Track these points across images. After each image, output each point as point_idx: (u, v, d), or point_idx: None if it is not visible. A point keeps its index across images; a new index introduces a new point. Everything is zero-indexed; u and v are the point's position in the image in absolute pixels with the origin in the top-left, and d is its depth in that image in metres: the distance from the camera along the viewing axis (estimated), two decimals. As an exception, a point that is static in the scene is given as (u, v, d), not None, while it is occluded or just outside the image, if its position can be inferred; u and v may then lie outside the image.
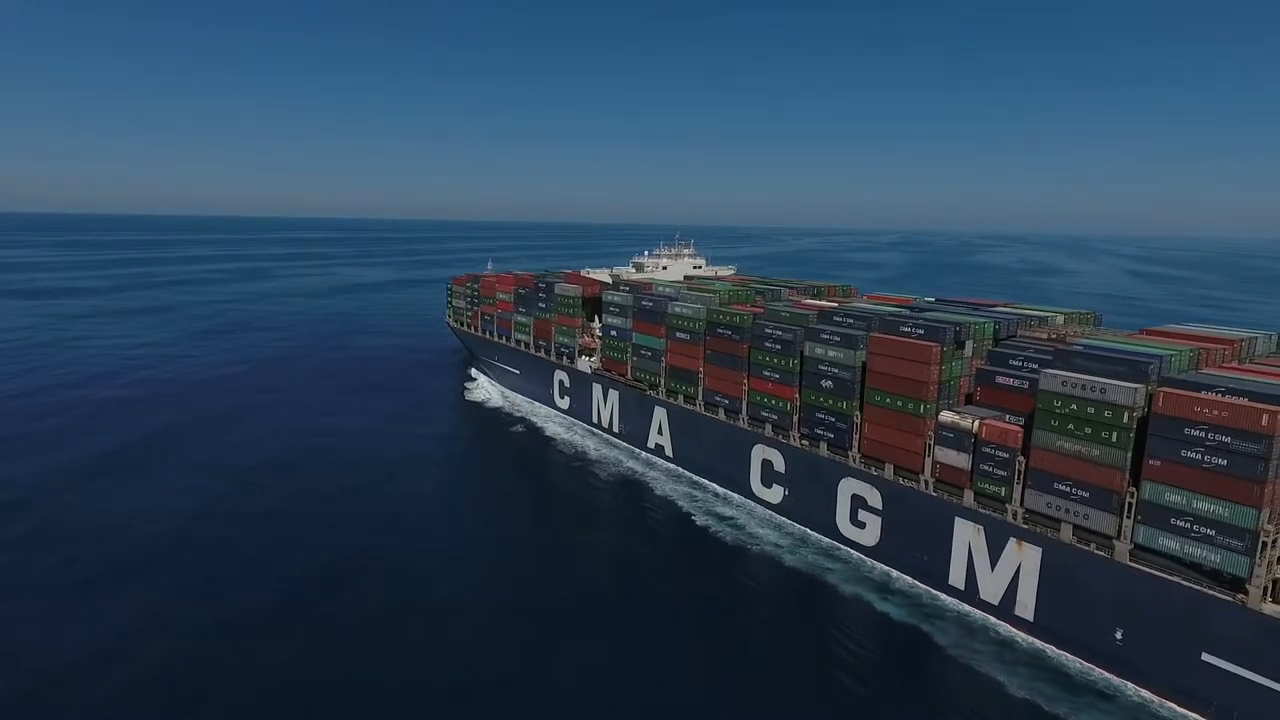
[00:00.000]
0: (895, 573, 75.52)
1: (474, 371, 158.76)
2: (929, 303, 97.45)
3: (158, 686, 56.20)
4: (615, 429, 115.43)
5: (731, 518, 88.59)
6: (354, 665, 59.10)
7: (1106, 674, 59.45)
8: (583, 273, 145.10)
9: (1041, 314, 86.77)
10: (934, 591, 71.91)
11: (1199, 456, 53.97)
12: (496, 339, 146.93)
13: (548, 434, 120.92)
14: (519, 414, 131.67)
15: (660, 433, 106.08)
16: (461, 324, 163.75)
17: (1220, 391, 54.68)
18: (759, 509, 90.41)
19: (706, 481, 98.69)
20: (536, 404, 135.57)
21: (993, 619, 67.00)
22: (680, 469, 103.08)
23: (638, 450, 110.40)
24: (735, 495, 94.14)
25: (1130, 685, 58.16)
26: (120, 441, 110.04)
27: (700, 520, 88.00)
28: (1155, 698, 56.87)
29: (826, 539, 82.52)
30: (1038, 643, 63.58)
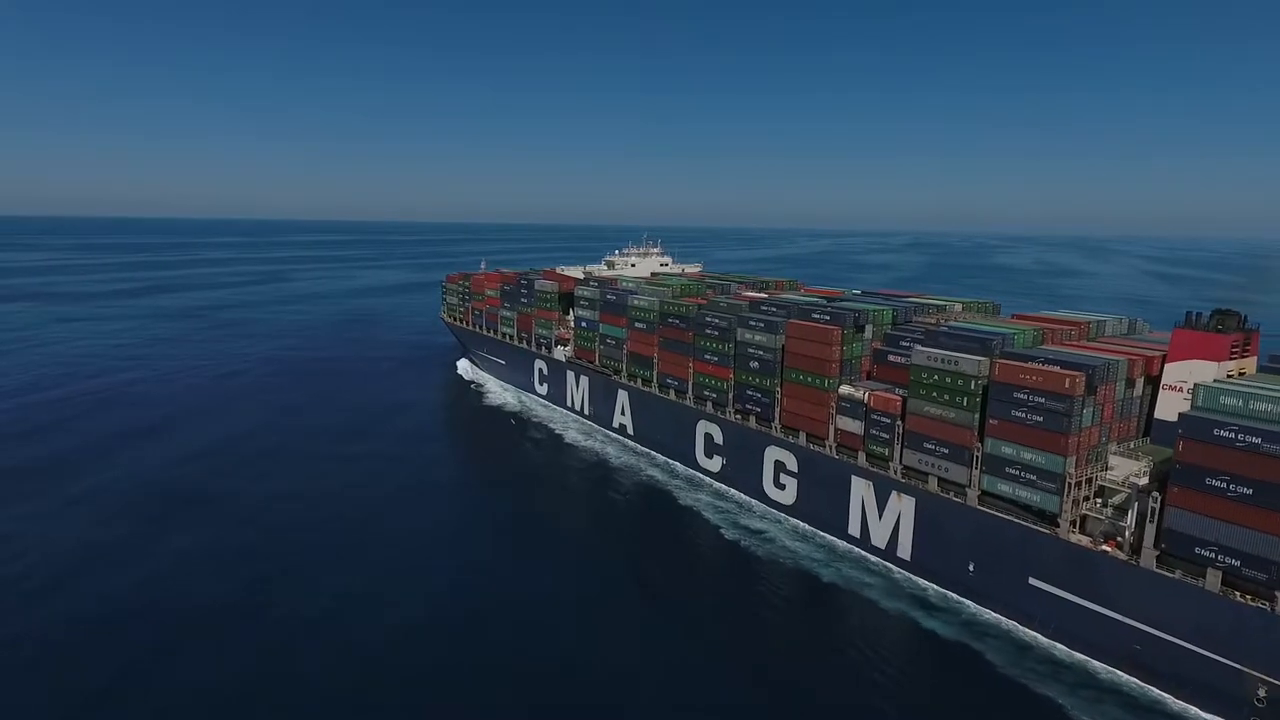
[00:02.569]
0: (807, 526, 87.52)
1: (464, 362, 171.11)
2: (855, 294, 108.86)
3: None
4: (586, 412, 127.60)
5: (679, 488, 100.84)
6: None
7: (962, 600, 71.16)
8: (558, 269, 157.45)
9: (940, 303, 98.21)
10: (837, 540, 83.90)
11: (1024, 415, 65.68)
12: (485, 332, 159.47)
13: (525, 415, 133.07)
14: (509, 405, 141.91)
15: (623, 414, 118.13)
16: (454, 319, 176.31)
17: (1042, 362, 66.25)
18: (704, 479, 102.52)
19: (659, 456, 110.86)
20: (522, 392, 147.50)
21: (881, 560, 78.95)
22: (640, 446, 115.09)
23: (604, 430, 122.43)
24: (681, 466, 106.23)
25: (977, 607, 69.88)
26: (124, 434, 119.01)
27: (663, 486, 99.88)
28: (999, 617, 68.54)
29: (756, 500, 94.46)
30: (913, 577, 75.48)
